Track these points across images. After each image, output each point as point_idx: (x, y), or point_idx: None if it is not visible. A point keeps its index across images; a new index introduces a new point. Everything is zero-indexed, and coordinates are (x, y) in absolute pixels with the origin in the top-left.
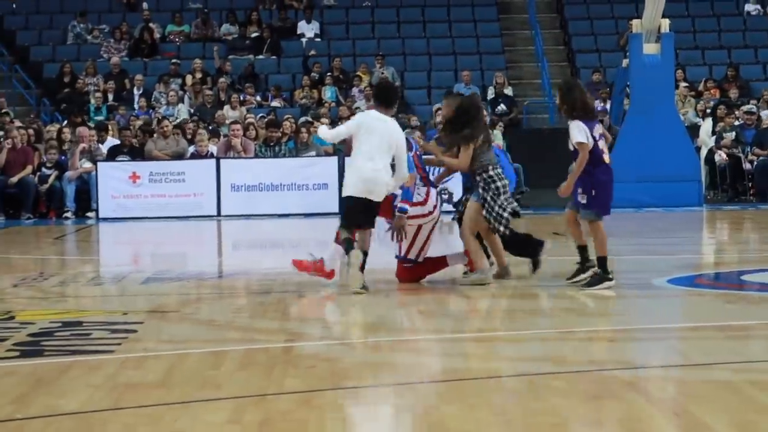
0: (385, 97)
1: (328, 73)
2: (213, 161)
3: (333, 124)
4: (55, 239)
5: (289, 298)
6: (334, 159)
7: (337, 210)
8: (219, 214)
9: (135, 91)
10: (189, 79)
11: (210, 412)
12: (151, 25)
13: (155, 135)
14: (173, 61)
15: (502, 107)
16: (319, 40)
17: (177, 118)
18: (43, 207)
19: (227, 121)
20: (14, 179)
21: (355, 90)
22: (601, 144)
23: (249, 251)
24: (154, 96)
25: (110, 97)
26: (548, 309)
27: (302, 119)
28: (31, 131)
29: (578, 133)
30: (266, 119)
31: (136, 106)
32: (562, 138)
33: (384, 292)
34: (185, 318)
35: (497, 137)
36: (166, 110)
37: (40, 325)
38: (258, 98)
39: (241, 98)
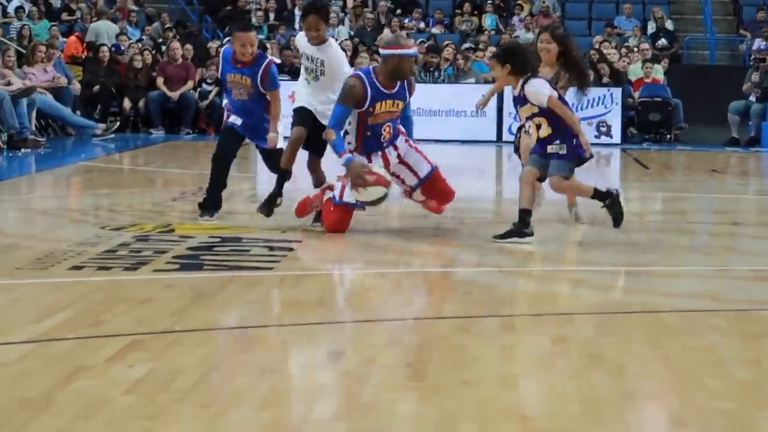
0: None
1: (489, 1)
2: None
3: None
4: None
5: (448, 222)
6: (492, 86)
7: (494, 138)
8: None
9: (296, 11)
10: (350, 1)
11: (368, 333)
12: None
13: None
14: None
15: (662, 42)
16: None
17: (337, 40)
18: (203, 122)
19: None
20: (175, 94)
21: (515, 18)
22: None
23: None
24: None
25: (271, 16)
26: (707, 246)
27: (463, 46)
28: (190, 47)
29: (546, 88)
30: (426, 44)
31: (296, 26)
32: (721, 75)
33: (541, 222)
34: (343, 239)
35: (658, 72)
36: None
37: (199, 239)
38: (419, 24)
39: (402, 22)
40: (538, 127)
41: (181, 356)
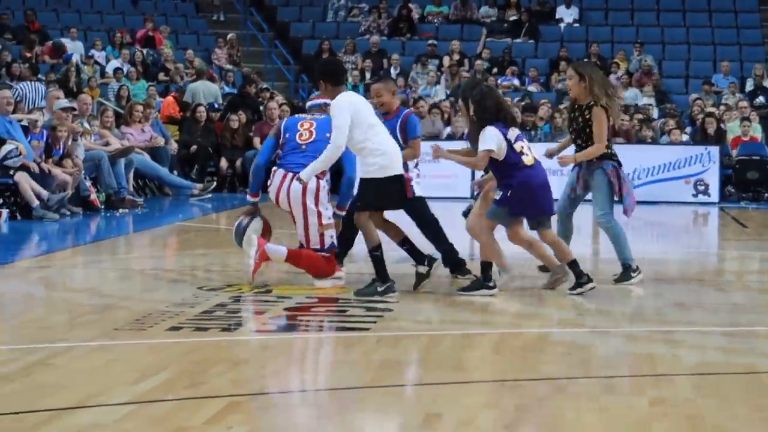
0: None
1: (586, 59)
2: (465, 144)
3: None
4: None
5: (542, 281)
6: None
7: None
8: (473, 197)
9: (392, 71)
10: (446, 60)
11: (465, 394)
12: (410, 4)
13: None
14: (431, 41)
15: (760, 99)
16: (577, 25)
17: (434, 99)
18: None
19: None
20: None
21: (612, 77)
22: (519, 146)
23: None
24: (411, 76)
25: (367, 75)
26: None
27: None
28: (285, 108)
29: (489, 140)
30: (523, 103)
31: None
32: None
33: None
34: (440, 299)
35: (756, 129)
36: (423, 90)
37: (296, 300)
38: (515, 82)
39: (498, 81)
40: None
41: (279, 418)
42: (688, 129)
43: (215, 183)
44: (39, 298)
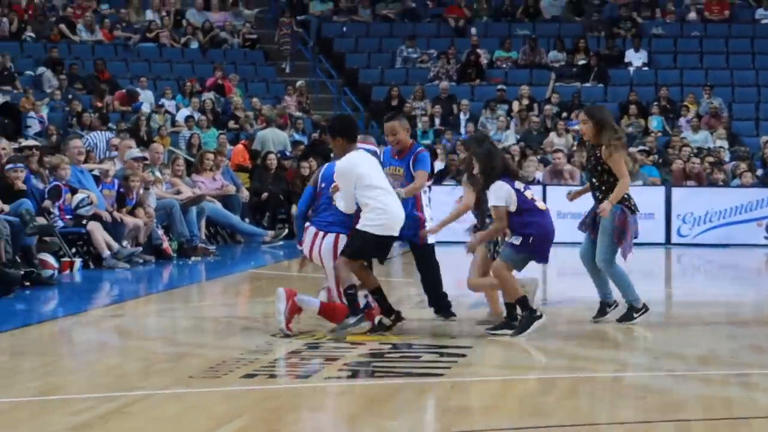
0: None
1: (655, 103)
2: (539, 188)
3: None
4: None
5: (613, 325)
6: (661, 189)
7: (662, 240)
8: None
9: (461, 116)
10: (515, 105)
11: None
12: (478, 50)
13: None
14: (500, 86)
15: None
16: (646, 68)
17: (504, 144)
18: None
19: (553, 149)
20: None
21: (682, 120)
22: (529, 194)
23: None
24: (481, 121)
25: (437, 121)
26: None
27: (630, 149)
28: None
29: (498, 197)
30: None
31: (462, 130)
32: None
33: (711, 324)
34: (513, 344)
35: None
36: (493, 135)
37: (370, 346)
38: None
39: (568, 126)
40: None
41: None
42: (759, 171)
43: (286, 230)
44: (114, 346)
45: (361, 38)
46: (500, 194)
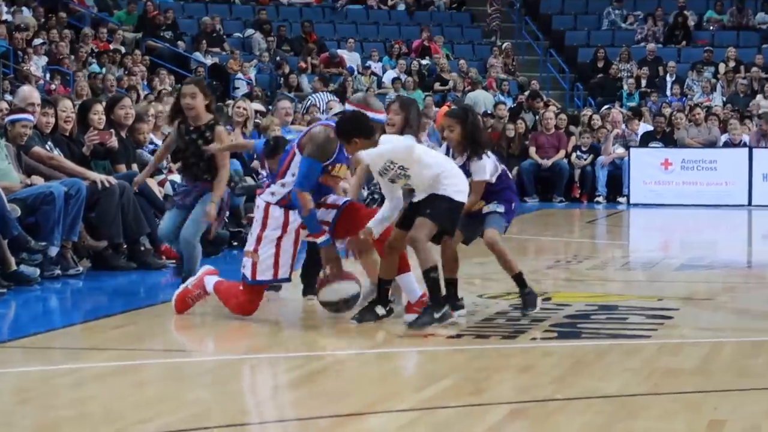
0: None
1: None
2: (745, 150)
3: None
4: (587, 223)
5: None
6: None
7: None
8: (750, 204)
9: (667, 78)
10: (722, 67)
11: (751, 402)
12: (685, 12)
13: (687, 122)
14: (707, 48)
15: None
16: None
17: (710, 106)
18: (576, 191)
19: (759, 111)
20: (548, 162)
21: None
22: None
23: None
24: (687, 83)
25: (643, 83)
26: None
27: None
28: (563, 116)
29: (485, 171)
30: None
31: (668, 92)
32: None
33: None
34: (720, 306)
35: None
36: (699, 98)
37: (575, 307)
38: None
39: None
40: None
41: (562, 425)
42: None
43: None
44: (319, 308)
45: (568, 0)
46: (487, 168)
